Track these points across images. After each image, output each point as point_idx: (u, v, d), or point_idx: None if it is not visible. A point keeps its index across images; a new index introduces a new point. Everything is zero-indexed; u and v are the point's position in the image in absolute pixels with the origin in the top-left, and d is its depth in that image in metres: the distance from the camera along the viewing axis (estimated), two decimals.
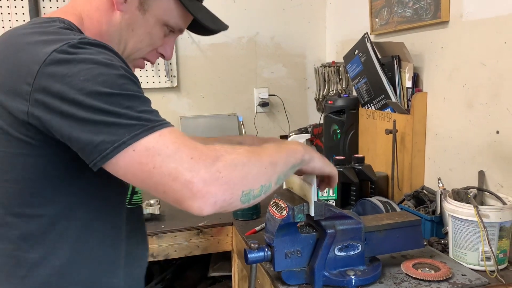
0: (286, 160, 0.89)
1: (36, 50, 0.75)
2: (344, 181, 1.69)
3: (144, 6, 0.92)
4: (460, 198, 1.33)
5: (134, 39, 0.95)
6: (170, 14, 0.95)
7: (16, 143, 0.78)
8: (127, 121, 0.72)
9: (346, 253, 1.17)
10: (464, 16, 1.52)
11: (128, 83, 0.76)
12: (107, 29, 0.93)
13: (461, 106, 1.55)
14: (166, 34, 0.99)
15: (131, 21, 0.93)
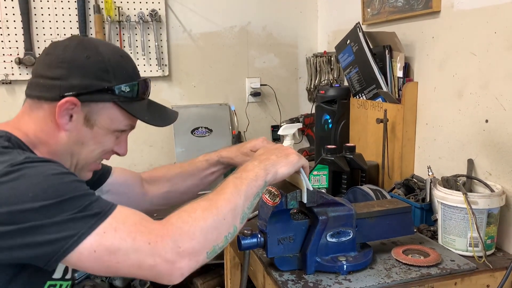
0: (246, 195, 0.92)
1: None
2: (335, 169, 1.70)
3: (90, 121, 0.94)
4: (449, 186, 1.35)
5: (85, 152, 0.96)
6: (117, 121, 0.97)
7: None
8: (81, 217, 0.77)
9: (337, 239, 1.19)
10: (455, 6, 1.53)
11: (71, 188, 0.80)
12: (56, 149, 0.94)
13: (451, 95, 1.57)
14: (118, 136, 1.01)
15: (80, 137, 0.94)
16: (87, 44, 0.95)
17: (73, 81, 0.90)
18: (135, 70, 1.01)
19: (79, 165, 0.98)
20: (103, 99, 0.93)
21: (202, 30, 2.46)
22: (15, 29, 2.16)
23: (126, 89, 0.94)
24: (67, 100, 0.90)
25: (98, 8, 2.22)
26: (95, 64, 0.92)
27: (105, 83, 0.92)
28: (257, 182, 0.95)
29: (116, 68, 0.94)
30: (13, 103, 2.23)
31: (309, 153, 2.44)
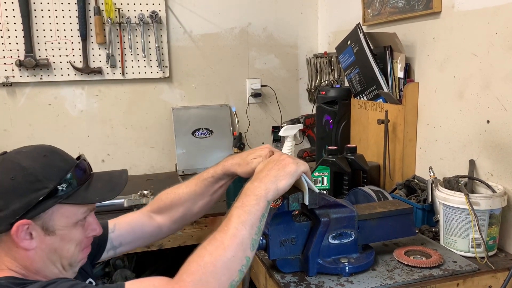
0: (251, 224, 0.93)
1: None
2: (336, 170, 1.70)
3: (49, 229, 0.94)
4: (451, 187, 1.35)
5: (65, 255, 0.97)
6: (72, 215, 0.96)
7: None
8: None
9: (339, 241, 1.19)
10: (456, 6, 1.53)
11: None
12: (40, 267, 0.95)
13: (452, 96, 1.57)
14: (83, 224, 1.00)
15: (50, 246, 0.95)
16: (8, 164, 0.94)
17: (13, 207, 0.90)
18: (65, 160, 0.98)
19: (65, 265, 0.98)
20: (48, 205, 0.92)
21: (202, 31, 2.46)
22: (16, 31, 2.16)
23: (64, 186, 0.94)
24: (18, 226, 0.90)
25: (98, 10, 2.22)
26: (24, 180, 0.91)
27: (42, 191, 0.91)
28: (259, 205, 0.96)
29: (45, 171, 0.93)
30: (14, 106, 2.23)
31: (310, 154, 2.44)
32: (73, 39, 2.24)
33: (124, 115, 2.38)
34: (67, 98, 2.30)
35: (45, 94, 2.27)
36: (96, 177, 1.03)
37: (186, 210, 1.24)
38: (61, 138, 2.31)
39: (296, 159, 1.06)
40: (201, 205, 1.24)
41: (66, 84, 2.28)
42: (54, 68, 2.23)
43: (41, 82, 2.23)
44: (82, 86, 2.31)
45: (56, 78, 2.24)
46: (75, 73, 2.26)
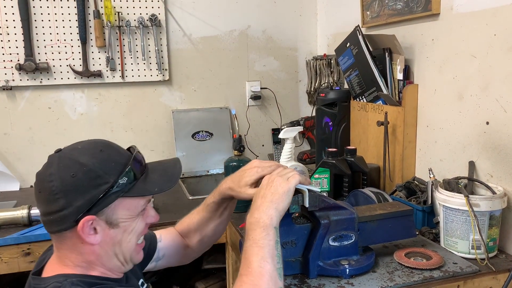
0: (271, 256, 0.95)
1: None
2: (336, 172, 1.70)
3: (113, 223, 0.95)
4: (451, 188, 1.35)
5: (126, 246, 0.99)
6: (134, 207, 0.98)
7: None
8: None
9: (340, 243, 1.19)
10: (455, 8, 1.53)
11: None
12: (104, 261, 0.98)
13: (452, 97, 1.57)
14: (142, 213, 1.01)
15: (114, 239, 0.97)
16: (66, 161, 0.94)
17: (76, 204, 0.91)
18: (120, 154, 0.99)
19: (127, 258, 1.01)
20: (110, 200, 0.93)
21: (202, 34, 2.46)
22: (15, 35, 2.17)
23: (125, 180, 0.95)
24: (83, 222, 0.91)
25: (98, 13, 2.23)
26: (85, 177, 0.92)
27: (104, 186, 0.92)
28: (269, 235, 0.97)
29: (104, 167, 0.94)
30: (14, 109, 2.23)
31: (310, 156, 2.44)
32: (73, 43, 2.24)
33: (124, 118, 2.38)
34: (67, 102, 2.31)
35: (45, 97, 2.27)
36: (151, 168, 1.04)
37: (201, 233, 1.29)
38: (61, 142, 2.28)
39: (286, 173, 1.06)
40: (213, 227, 1.28)
41: (66, 87, 2.29)
42: (54, 71, 2.24)
43: (41, 85, 2.24)
44: (82, 89, 2.32)
45: (56, 81, 2.25)
46: (75, 76, 2.27)
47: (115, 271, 1.01)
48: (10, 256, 1.61)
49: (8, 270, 1.62)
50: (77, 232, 0.92)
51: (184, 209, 1.82)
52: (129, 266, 1.03)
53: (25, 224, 1.67)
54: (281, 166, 1.12)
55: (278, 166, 1.12)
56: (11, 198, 2.04)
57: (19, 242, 1.60)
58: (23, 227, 1.67)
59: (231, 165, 1.80)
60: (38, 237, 1.61)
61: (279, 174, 1.06)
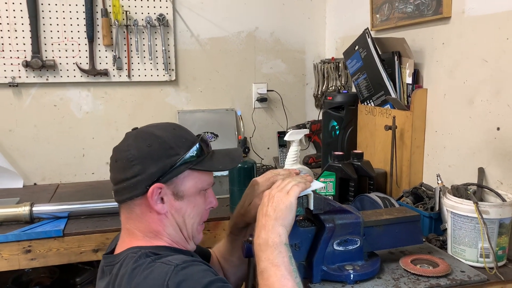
0: (288, 269, 0.95)
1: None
2: (342, 176, 1.67)
3: (179, 194, 1.04)
4: (459, 195, 1.32)
5: (189, 221, 1.07)
6: (199, 182, 1.06)
7: None
8: None
9: (344, 247, 1.16)
10: (466, 12, 1.51)
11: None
12: (168, 231, 1.05)
13: (462, 102, 1.54)
14: (204, 194, 1.10)
15: (179, 212, 1.05)
16: (143, 134, 1.05)
17: (149, 171, 1.00)
18: (190, 133, 1.10)
19: (190, 234, 1.08)
20: (180, 171, 1.02)
21: (209, 35, 2.45)
22: (23, 32, 2.16)
23: (194, 153, 1.04)
24: (153, 188, 1.00)
25: (105, 12, 2.22)
26: (159, 147, 1.02)
27: (175, 157, 1.02)
28: (282, 253, 0.97)
29: (176, 141, 1.04)
30: (20, 106, 2.23)
31: (316, 160, 2.41)
32: (80, 41, 2.24)
33: (130, 117, 2.37)
34: (73, 100, 2.30)
35: (51, 95, 2.26)
36: (216, 152, 1.13)
37: (229, 264, 1.31)
38: (66, 140, 2.30)
39: (285, 186, 1.05)
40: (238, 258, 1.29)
41: (72, 85, 2.28)
42: (60, 69, 2.23)
43: (47, 83, 2.23)
44: (88, 87, 2.31)
45: (62, 79, 2.24)
46: (81, 74, 2.26)
47: (180, 244, 1.07)
48: (11, 253, 1.59)
49: (9, 267, 1.60)
50: (146, 200, 1.01)
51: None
52: (191, 244, 1.10)
53: (27, 221, 1.66)
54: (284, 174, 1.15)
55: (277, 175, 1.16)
56: (14, 195, 2.03)
57: (20, 239, 1.58)
58: (25, 224, 1.65)
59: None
60: (39, 234, 1.60)
61: (278, 188, 1.05)
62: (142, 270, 0.93)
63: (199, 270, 0.92)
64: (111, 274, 0.99)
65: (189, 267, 0.92)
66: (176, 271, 0.90)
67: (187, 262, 0.94)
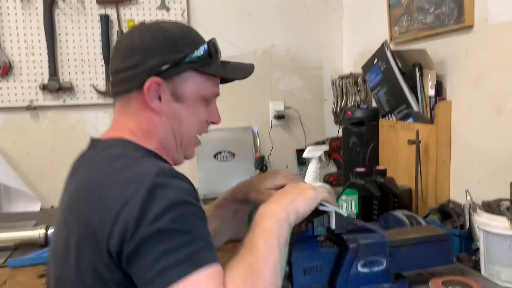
0: (280, 247, 0.85)
1: (119, 190, 0.81)
2: (365, 194, 1.61)
3: (178, 96, 0.96)
4: (491, 211, 1.24)
5: (185, 128, 0.99)
6: (202, 87, 0.99)
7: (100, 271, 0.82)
8: (179, 259, 0.75)
9: (369, 269, 1.09)
10: (490, 19, 1.45)
11: (193, 220, 0.80)
12: (159, 134, 0.97)
13: (489, 114, 1.47)
14: (206, 105, 1.02)
15: (175, 114, 0.97)
16: (149, 26, 1.00)
17: (150, 63, 0.93)
18: (200, 35, 1.02)
19: (183, 143, 1.00)
20: (182, 69, 0.95)
21: (225, 53, 2.38)
22: (40, 55, 2.18)
23: (200, 53, 0.96)
24: (151, 81, 0.92)
25: (121, 33, 2.23)
26: (163, 40, 0.95)
27: (179, 54, 0.94)
28: (282, 228, 0.88)
29: (183, 37, 0.97)
30: (37, 129, 2.23)
31: (337, 178, 2.34)
32: (96, 62, 2.24)
33: None
34: (90, 122, 2.29)
35: (68, 117, 2.26)
36: (227, 61, 1.07)
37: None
38: None
39: (316, 188, 0.98)
40: (216, 227, 1.20)
41: (88, 107, 2.28)
42: (77, 91, 2.24)
43: (64, 105, 2.24)
44: (105, 109, 2.30)
45: (79, 101, 2.25)
46: (98, 96, 2.26)
47: (169, 152, 0.99)
48: (26, 278, 1.56)
49: None
50: (143, 95, 0.93)
51: None
52: (181, 157, 1.02)
53: (41, 244, 1.63)
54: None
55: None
56: (32, 218, 2.01)
57: (35, 263, 1.55)
58: (40, 248, 1.62)
59: None
60: None
61: (307, 184, 0.99)
62: (122, 159, 0.88)
63: (184, 186, 0.83)
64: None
65: (177, 179, 0.84)
66: (160, 173, 0.82)
67: (176, 173, 0.85)
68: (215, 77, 1.02)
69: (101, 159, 0.91)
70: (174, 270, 0.74)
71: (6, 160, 2.17)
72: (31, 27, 2.16)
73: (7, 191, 2.18)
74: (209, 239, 0.81)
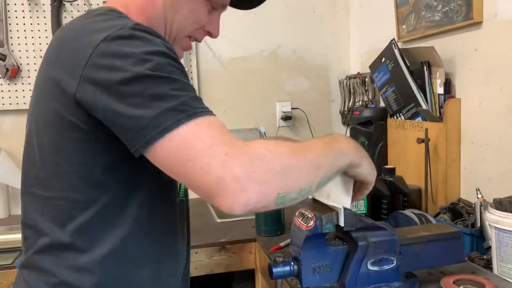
0: (332, 163, 0.81)
1: (93, 36, 0.75)
2: (374, 193, 1.58)
3: None
4: (503, 208, 1.22)
5: (178, 18, 0.92)
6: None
7: (68, 126, 0.78)
8: (171, 106, 0.70)
9: (379, 267, 1.07)
10: (499, 15, 1.43)
11: (176, 71, 0.74)
12: (152, 13, 0.91)
13: (500, 110, 1.45)
14: (209, 11, 0.95)
15: (174, 1, 0.90)
16: None
17: None
18: None
19: (172, 35, 0.94)
20: None
21: (231, 55, 2.43)
22: None
23: None
24: None
25: None
26: None
27: None
28: (345, 157, 0.84)
29: None
30: None
31: None
32: None
33: None
34: None
35: None
36: None
37: None
38: None
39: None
40: None
41: None
42: None
43: None
44: None
45: None
46: None
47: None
48: None
49: None
50: None
51: (213, 231, 1.75)
52: None
53: None
54: None
55: None
56: None
57: None
58: None
59: None
60: None
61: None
62: (101, 16, 0.82)
63: (164, 43, 0.76)
64: None
65: (157, 37, 0.76)
66: (137, 26, 0.76)
67: (157, 33, 0.78)
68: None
69: (81, 18, 0.86)
70: (167, 118, 0.69)
71: (14, 162, 2.18)
72: (39, 30, 2.17)
73: (15, 193, 2.19)
74: (196, 93, 0.77)
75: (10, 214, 2.18)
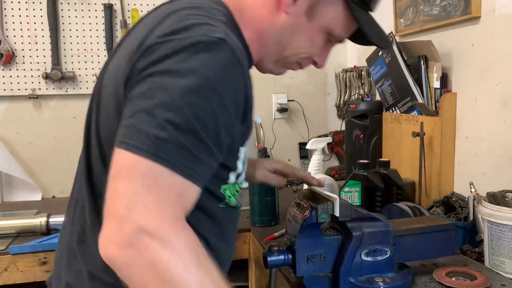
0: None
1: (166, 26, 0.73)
2: (368, 186, 1.59)
3: (312, 12, 0.86)
4: (496, 202, 1.23)
5: (294, 44, 0.89)
6: (337, 23, 0.89)
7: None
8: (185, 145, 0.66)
9: (373, 258, 1.08)
10: (497, 10, 1.43)
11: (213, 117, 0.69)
12: (267, 29, 0.87)
13: (495, 106, 1.46)
14: (325, 43, 0.93)
15: (295, 26, 0.87)
16: None
17: None
18: None
19: (280, 56, 0.92)
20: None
21: None
22: (43, 44, 2.17)
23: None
24: None
25: (125, 23, 2.22)
26: None
27: None
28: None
29: None
30: (39, 118, 2.22)
31: (339, 172, 2.34)
32: (99, 52, 2.23)
33: None
34: None
35: (70, 107, 2.25)
36: (375, 21, 0.96)
37: None
38: None
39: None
40: None
41: None
42: (79, 81, 2.23)
43: (67, 94, 2.23)
44: None
45: (81, 91, 2.23)
46: None
47: (262, 49, 0.91)
48: (26, 265, 1.55)
49: (24, 279, 1.56)
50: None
51: None
52: (268, 63, 0.95)
53: (43, 232, 1.62)
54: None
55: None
56: (33, 207, 2.01)
57: (36, 250, 1.54)
58: (41, 236, 1.62)
59: None
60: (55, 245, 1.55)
61: None
62: (195, 9, 0.77)
63: (238, 77, 0.71)
64: None
65: (238, 66, 0.71)
66: (224, 41, 0.70)
67: (243, 61, 0.73)
68: (355, 23, 0.90)
69: (172, 5, 0.81)
70: (165, 152, 0.64)
71: (8, 149, 2.16)
72: (34, 15, 2.15)
73: (8, 180, 2.18)
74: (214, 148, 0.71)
75: (3, 200, 2.17)
